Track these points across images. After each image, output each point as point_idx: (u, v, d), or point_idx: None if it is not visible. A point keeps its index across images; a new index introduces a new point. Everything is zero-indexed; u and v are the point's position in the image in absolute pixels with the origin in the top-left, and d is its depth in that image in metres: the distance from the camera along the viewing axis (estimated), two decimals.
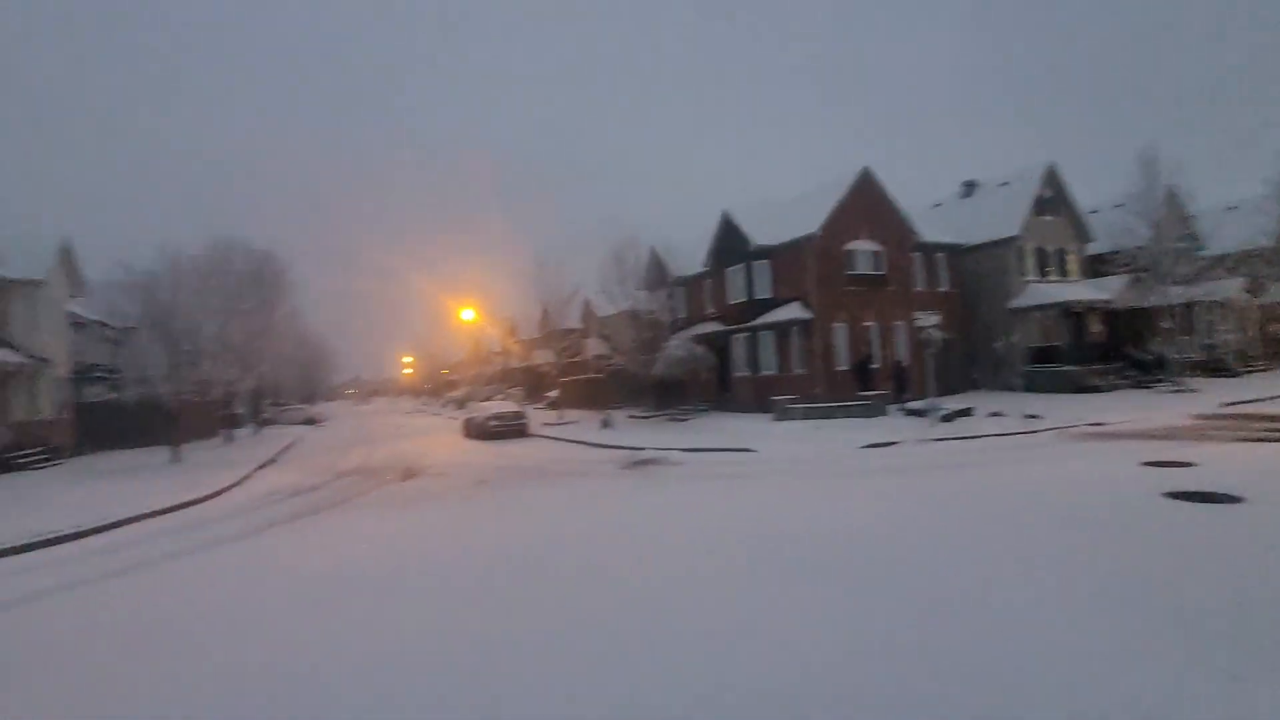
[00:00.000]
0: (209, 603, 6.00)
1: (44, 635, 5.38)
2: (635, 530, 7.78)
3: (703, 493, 10.20)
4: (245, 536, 9.09)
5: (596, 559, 6.54)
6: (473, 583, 6.03)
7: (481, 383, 55.17)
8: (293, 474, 16.20)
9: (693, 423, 22.21)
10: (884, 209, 22.49)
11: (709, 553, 6.38)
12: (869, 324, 21.85)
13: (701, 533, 7.31)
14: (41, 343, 21.07)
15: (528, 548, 7.22)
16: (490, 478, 13.44)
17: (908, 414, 18.38)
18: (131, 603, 6.17)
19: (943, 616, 4.43)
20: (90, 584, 6.93)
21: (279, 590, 6.25)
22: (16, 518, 10.61)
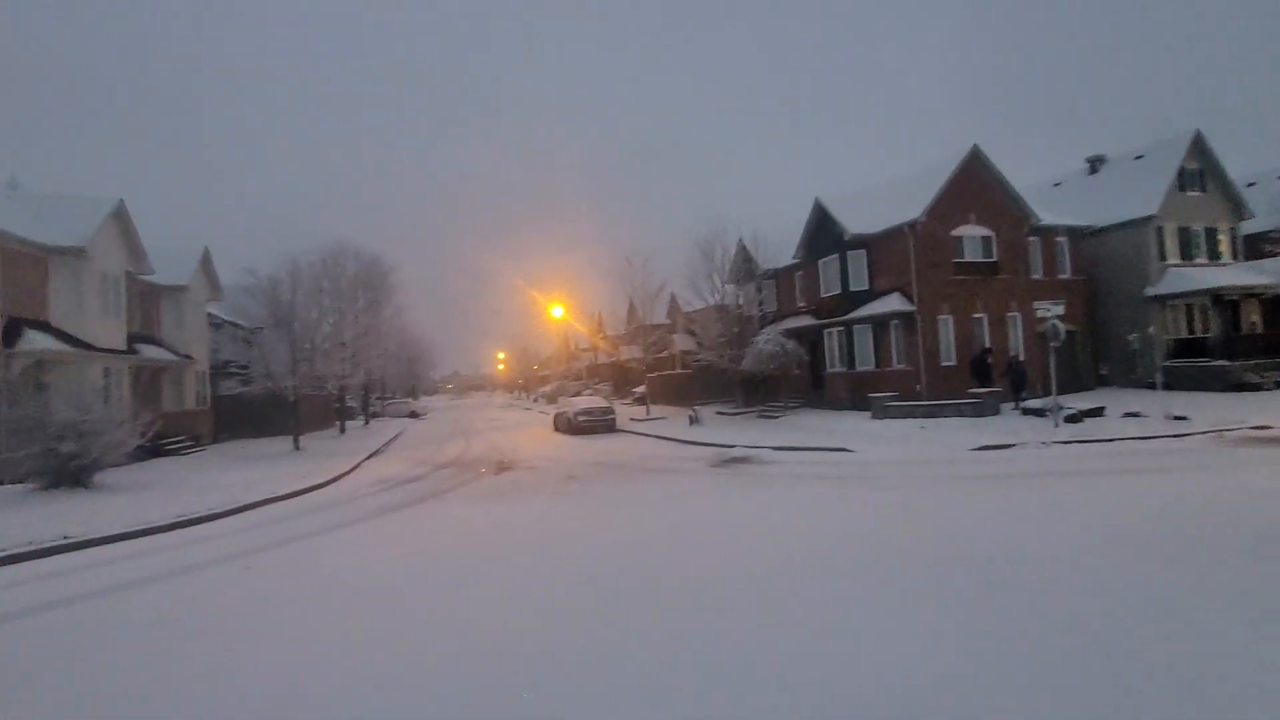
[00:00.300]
0: (349, 575, 6.53)
1: (230, 598, 5.87)
2: (734, 537, 7.47)
3: (801, 496, 9.72)
4: (363, 520, 9.63)
5: (698, 569, 6.29)
6: (575, 578, 5.99)
7: (570, 378, 56.41)
8: (398, 464, 17.12)
9: (783, 420, 21.51)
10: (995, 190, 20.70)
11: (823, 570, 5.94)
12: (978, 316, 20.22)
13: (808, 543, 6.90)
14: (186, 341, 23.54)
15: (621, 550, 7.11)
16: (579, 473, 13.54)
17: (1024, 414, 16.84)
18: (290, 572, 6.75)
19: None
20: (243, 556, 7.58)
21: (409, 571, 6.53)
22: (170, 498, 11.82)
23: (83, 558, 8.13)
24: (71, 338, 16.65)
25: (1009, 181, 20.63)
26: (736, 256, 26.55)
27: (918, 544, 6.43)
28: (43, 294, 16.57)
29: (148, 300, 22.34)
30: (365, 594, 5.94)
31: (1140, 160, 23.90)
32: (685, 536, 7.44)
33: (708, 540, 7.20)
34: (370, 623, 5.17)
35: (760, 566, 5.99)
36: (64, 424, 12.35)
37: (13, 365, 14.79)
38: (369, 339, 25.41)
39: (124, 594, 6.44)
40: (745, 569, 5.93)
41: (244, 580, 6.78)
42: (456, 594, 5.76)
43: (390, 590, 6.05)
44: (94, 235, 17.26)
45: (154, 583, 6.80)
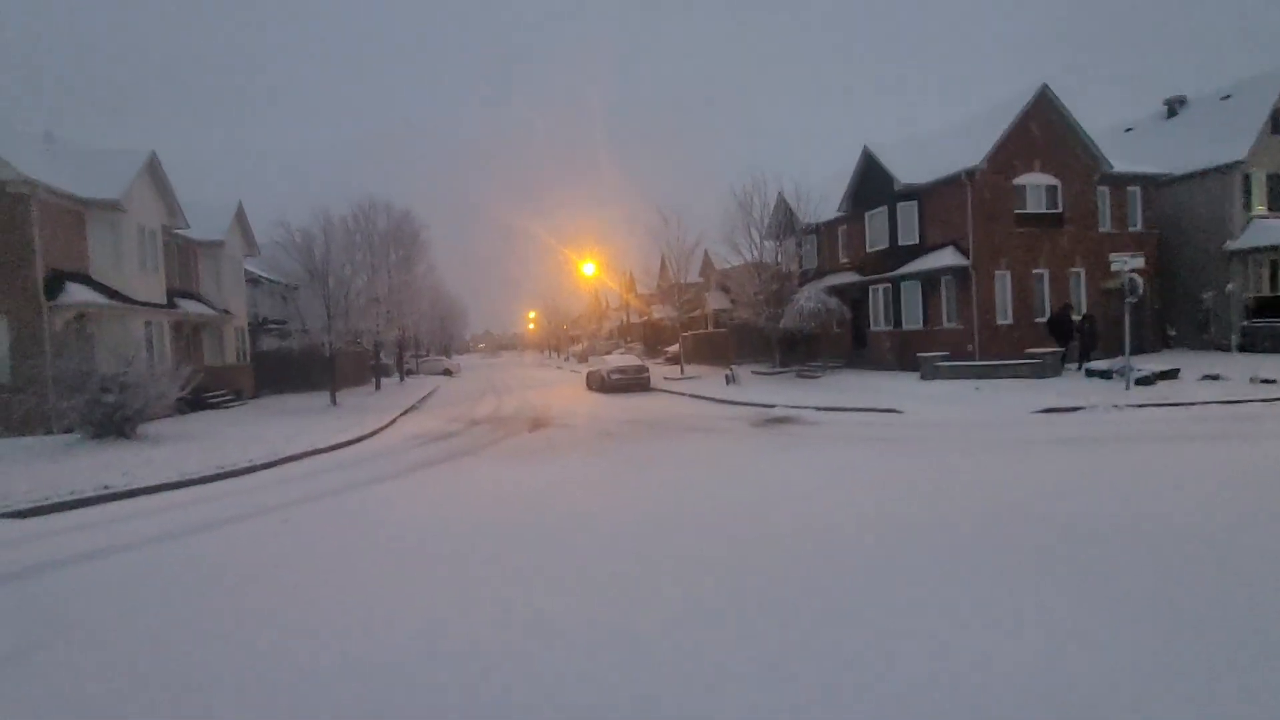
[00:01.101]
0: (386, 532, 6.27)
1: (268, 551, 5.66)
2: (789, 500, 6.96)
3: (855, 458, 9.14)
4: (400, 475, 9.41)
5: (755, 531, 5.82)
6: (617, 538, 5.58)
7: (601, 337, 56.12)
8: (433, 420, 17.03)
9: (824, 380, 20.77)
10: (1064, 135, 19.09)
11: (901, 536, 5.42)
12: (1038, 271, 18.96)
13: (878, 508, 6.35)
14: (224, 297, 23.70)
15: (662, 515, 6.68)
16: (615, 430, 13.17)
17: (1089, 375, 15.80)
18: (328, 525, 6.50)
19: None
20: (282, 509, 7.41)
21: (444, 527, 6.22)
22: (211, 450, 11.84)
23: (123, 508, 8.07)
24: (112, 291, 16.75)
25: (1080, 125, 18.99)
26: (776, 211, 25.38)
27: (1004, 511, 5.82)
28: (82, 248, 16.62)
29: (185, 256, 22.43)
30: (403, 551, 5.65)
31: (1227, 101, 21.80)
32: (735, 498, 6.96)
33: (760, 501, 6.71)
34: (412, 576, 4.86)
35: (828, 535, 5.48)
36: (107, 375, 12.41)
37: (55, 318, 14.93)
38: (402, 295, 25.27)
39: (160, 546, 6.28)
40: (809, 538, 5.43)
41: (282, 533, 6.58)
42: (491, 558, 5.39)
43: (423, 545, 5.76)
44: (129, 187, 17.16)
45: (191, 535, 6.64)
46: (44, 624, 4.40)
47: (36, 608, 4.75)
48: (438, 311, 52.84)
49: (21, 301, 14.63)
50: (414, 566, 5.25)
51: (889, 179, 20.72)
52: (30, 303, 14.67)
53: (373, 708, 3.13)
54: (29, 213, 14.68)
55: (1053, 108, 18.89)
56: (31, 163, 15.42)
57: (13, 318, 14.59)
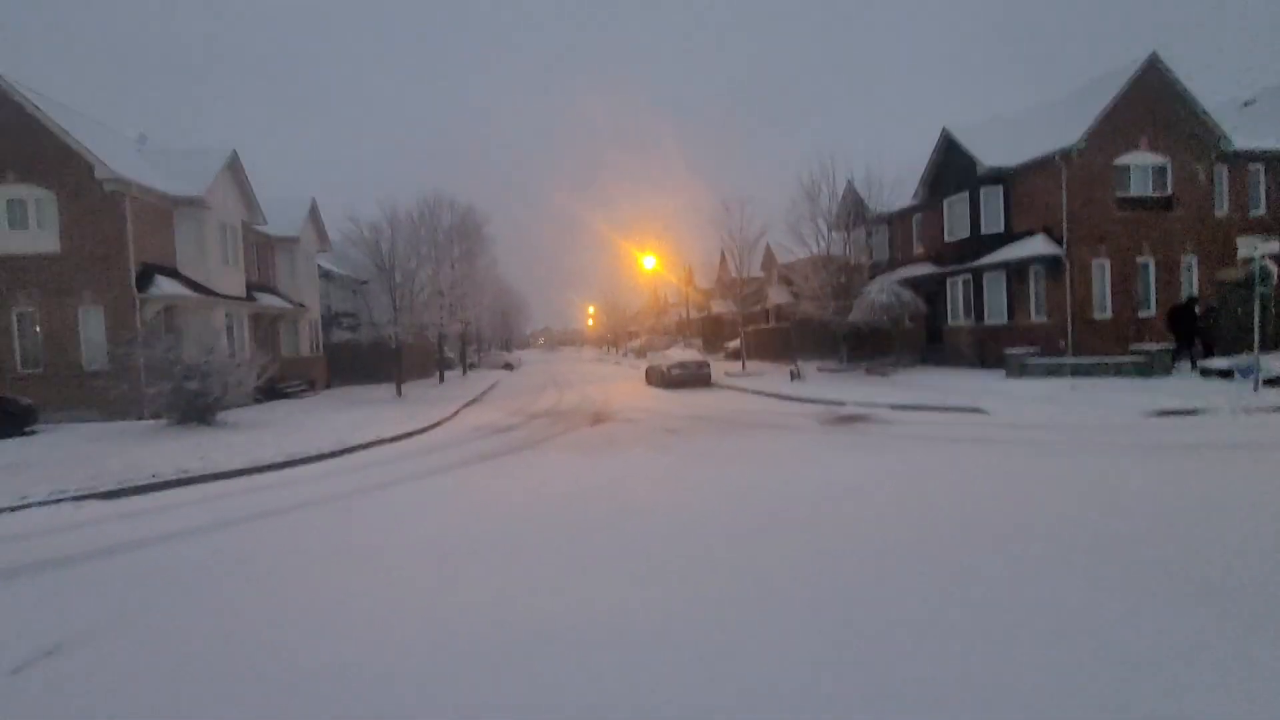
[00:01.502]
0: (446, 525, 6.02)
1: (329, 541, 5.57)
2: (881, 507, 6.33)
3: (944, 460, 8.36)
4: (462, 466, 9.29)
5: (851, 545, 5.26)
6: (701, 544, 5.13)
7: (659, 332, 55.75)
8: (494, 412, 17.05)
9: (895, 377, 19.64)
10: (1175, 109, 17.26)
11: (1031, 554, 4.73)
12: (1143, 259, 17.24)
13: (990, 518, 5.66)
14: (298, 291, 24.65)
15: (740, 509, 6.17)
16: (679, 427, 12.72)
17: (1205, 375, 14.20)
18: (390, 516, 6.40)
19: None
20: (346, 497, 7.36)
21: (506, 526, 5.95)
22: (284, 438, 12.13)
23: (196, 492, 8.24)
24: (196, 284, 17.58)
25: (1196, 98, 17.12)
26: (844, 200, 24.24)
27: (1147, 525, 5.04)
28: (169, 243, 17.50)
29: (263, 251, 23.42)
30: (463, 548, 5.39)
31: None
32: (817, 500, 6.39)
33: (848, 507, 6.11)
34: (474, 577, 4.58)
35: (952, 553, 4.86)
36: (190, 364, 12.92)
37: (146, 309, 15.75)
38: (465, 288, 25.60)
39: (228, 530, 6.29)
40: (926, 555, 4.82)
41: (343, 523, 6.48)
42: (555, 559, 5.04)
43: (484, 543, 5.48)
44: (212, 184, 17.97)
45: (258, 520, 6.64)
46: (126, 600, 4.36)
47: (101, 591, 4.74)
48: (499, 306, 53.80)
49: (116, 294, 15.50)
50: (471, 563, 4.97)
51: (971, 163, 19.35)
52: (124, 295, 15.53)
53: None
54: (123, 210, 15.53)
55: (1163, 79, 17.09)
56: (125, 163, 16.33)
57: (109, 309, 15.48)
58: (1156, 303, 17.22)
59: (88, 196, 15.30)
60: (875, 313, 20.32)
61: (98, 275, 15.42)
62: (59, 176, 15.26)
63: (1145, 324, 16.96)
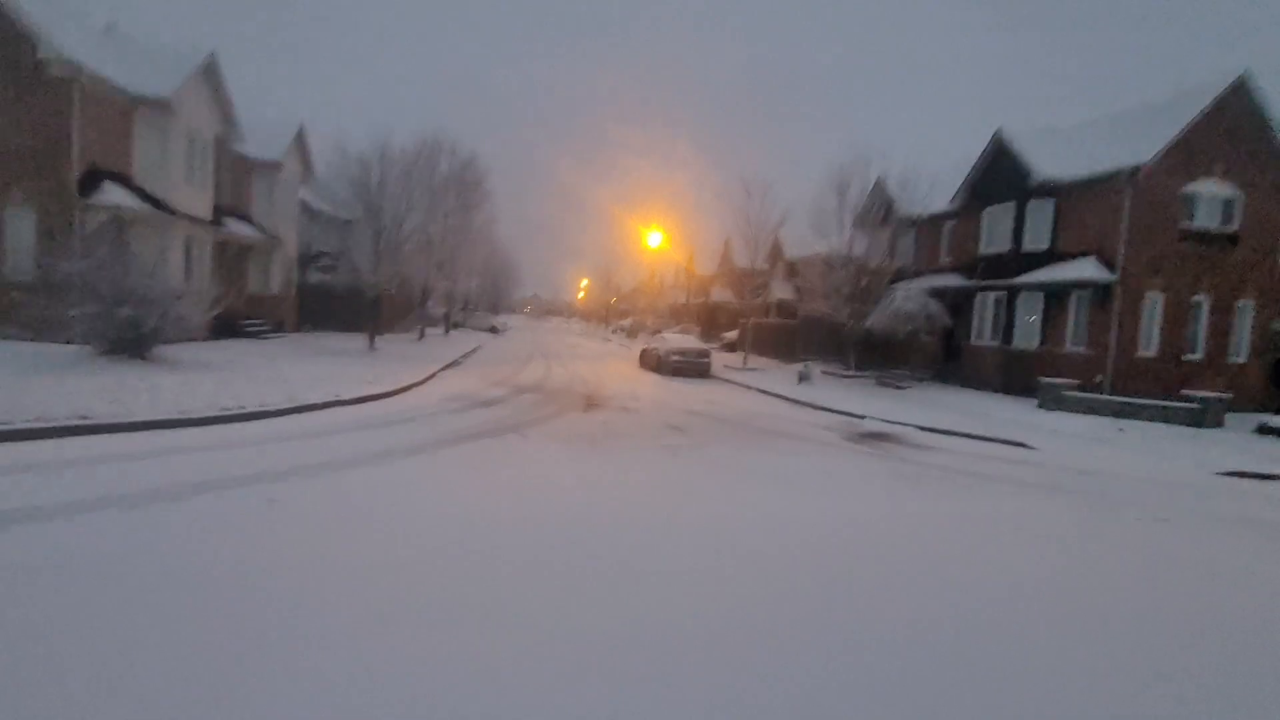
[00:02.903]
0: (396, 534, 4.27)
1: (230, 547, 3.90)
2: (961, 583, 4.80)
3: (1001, 506, 6.89)
4: (427, 450, 7.59)
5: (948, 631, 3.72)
6: (733, 619, 3.56)
7: (653, 314, 54.06)
8: (474, 380, 15.35)
9: (911, 393, 18.26)
10: (1256, 136, 15.74)
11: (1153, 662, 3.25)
12: (1198, 298, 15.89)
13: (1076, 599, 4.16)
14: (275, 222, 22.48)
15: (780, 558, 4.62)
16: (683, 423, 11.16)
17: (1259, 431, 12.94)
18: (323, 515, 4.68)
19: None
20: (275, 478, 5.66)
21: (473, 546, 4.31)
22: (226, 385, 10.34)
23: (93, 446, 6.49)
24: (153, 198, 15.49)
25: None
26: (870, 197, 22.62)
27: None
28: (126, 147, 15.35)
29: (238, 174, 21.20)
30: (418, 569, 3.76)
31: None
32: (889, 575, 4.85)
33: (930, 587, 4.58)
34: (413, 628, 2.96)
35: (1088, 679, 3.34)
36: (123, 286, 11.01)
37: (88, 218, 13.70)
38: (458, 242, 23.67)
39: (99, 513, 4.59)
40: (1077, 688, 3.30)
41: (260, 520, 4.81)
42: (530, 648, 3.39)
43: (448, 572, 3.85)
44: (181, 87, 15.78)
45: (147, 503, 4.94)
46: None
47: None
48: (491, 267, 51.64)
49: (52, 195, 13.43)
50: (427, 602, 3.34)
51: (1022, 171, 17.79)
52: (62, 198, 13.46)
53: None
54: (69, 99, 13.39)
55: (1249, 103, 15.56)
56: (80, 47, 14.10)
57: (42, 212, 13.41)
58: (1204, 346, 15.92)
59: (26, 78, 13.11)
60: (898, 321, 18.85)
61: (31, 171, 13.30)
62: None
63: (1191, 368, 15.67)
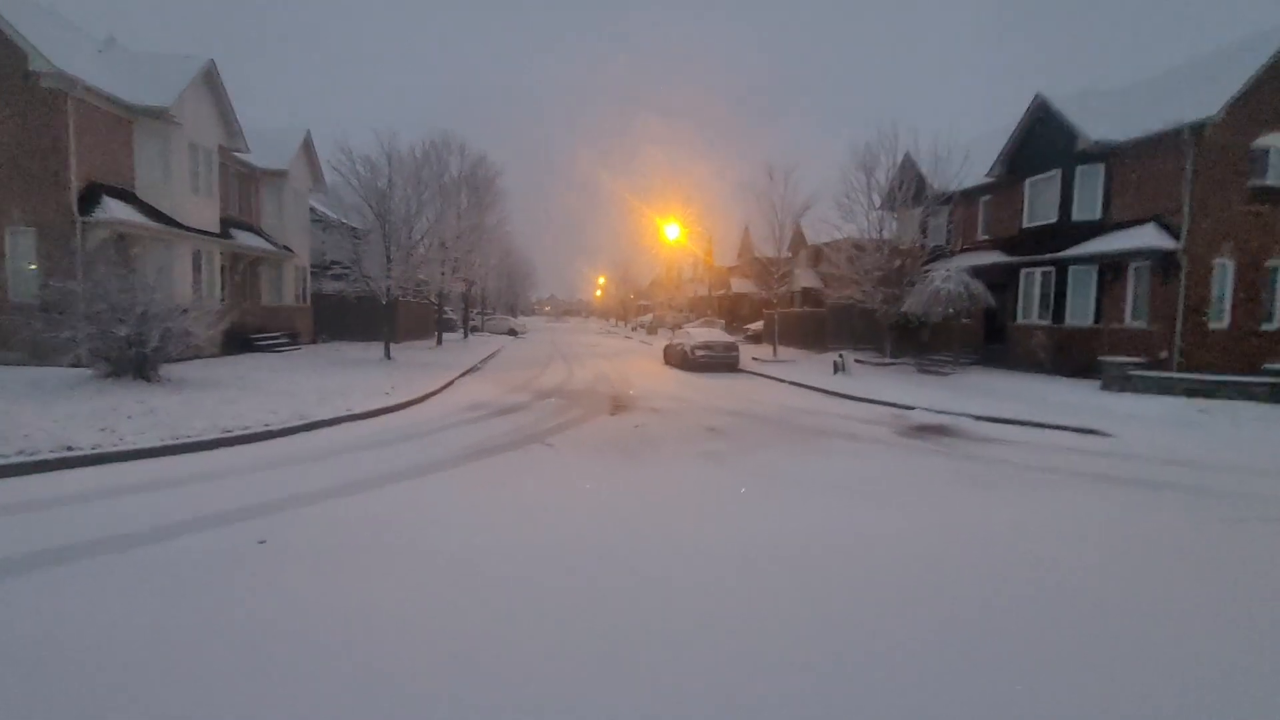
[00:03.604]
0: (408, 586, 3.46)
1: (204, 607, 3.16)
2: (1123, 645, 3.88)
3: (1100, 507, 5.90)
4: (444, 468, 6.84)
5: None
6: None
7: (673, 309, 53.12)
8: (494, 386, 14.63)
9: (955, 379, 17.12)
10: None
11: None
12: (1273, 262, 14.53)
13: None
14: (285, 233, 22.04)
15: (873, 594, 3.73)
16: (720, 424, 10.28)
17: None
18: (319, 560, 3.91)
19: None
20: (271, 512, 4.93)
21: (501, 594, 3.51)
22: (231, 404, 9.71)
23: (68, 482, 5.84)
24: (157, 212, 15.02)
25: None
26: (898, 175, 21.43)
27: None
28: (127, 161, 14.89)
29: (245, 184, 20.78)
30: (420, 640, 2.96)
31: None
32: (1001, 600, 3.94)
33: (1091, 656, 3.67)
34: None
35: None
36: (119, 305, 10.45)
37: (89, 235, 13.22)
38: (471, 241, 23.00)
39: (67, 566, 3.87)
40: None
41: (248, 564, 4.07)
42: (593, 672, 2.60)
43: (464, 637, 3.04)
44: (181, 95, 15.27)
45: (92, 554, 4.21)
46: None
47: None
48: (506, 268, 51.18)
49: (51, 213, 12.97)
50: (435, 688, 2.54)
51: (1068, 136, 16.54)
52: (62, 216, 13.00)
53: None
54: (64, 113, 12.90)
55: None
56: (76, 60, 13.63)
57: (42, 232, 12.95)
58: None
59: (19, 93, 12.66)
60: (938, 303, 17.66)
61: (28, 189, 12.85)
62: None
63: (1270, 339, 14.35)
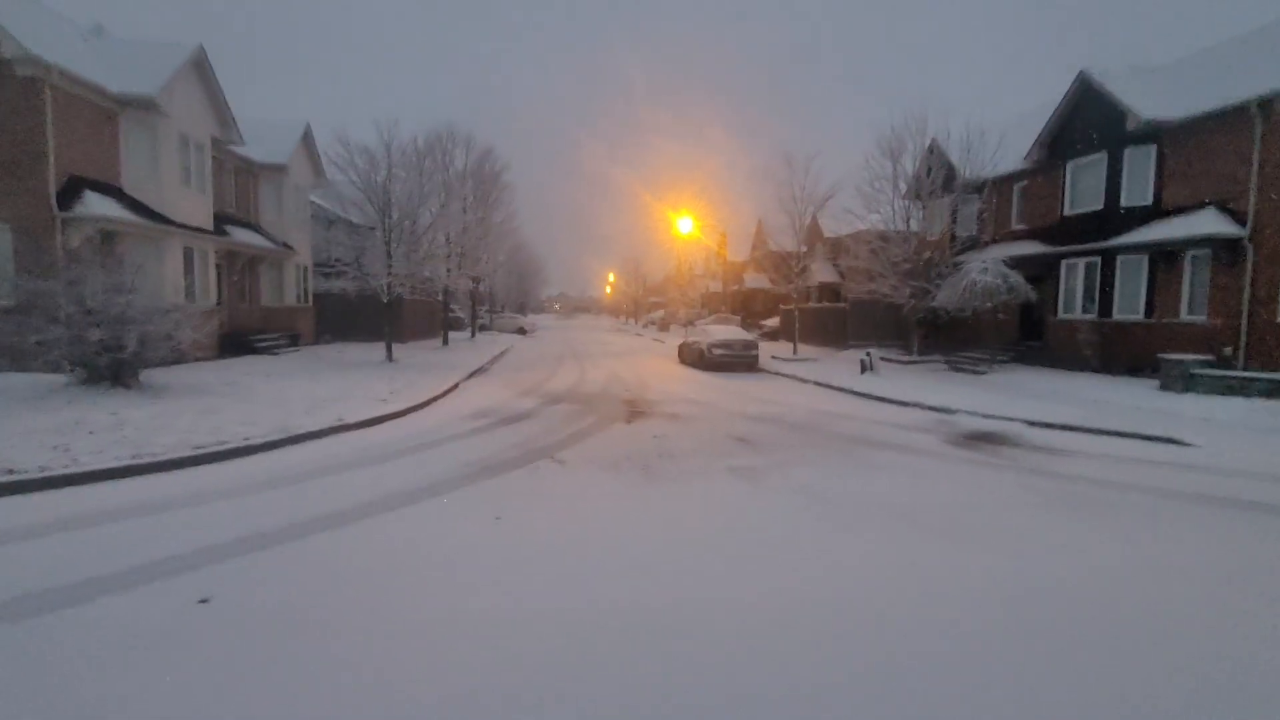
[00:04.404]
0: (382, 674, 2.51)
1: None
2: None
3: (1213, 542, 4.84)
4: (440, 492, 5.88)
5: None
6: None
7: (685, 305, 52.07)
8: (502, 389, 13.70)
9: (993, 378, 16.00)
10: None
11: None
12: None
13: None
14: (286, 230, 21.23)
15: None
16: (749, 433, 9.27)
17: None
18: (276, 630, 2.96)
19: None
20: (226, 557, 3.97)
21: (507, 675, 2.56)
22: (212, 414, 8.85)
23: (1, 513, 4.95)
24: (144, 207, 14.21)
25: None
26: (925, 162, 20.25)
27: None
28: (112, 153, 14.09)
29: (243, 180, 19.99)
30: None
31: None
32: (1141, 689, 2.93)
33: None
34: None
35: None
36: (92, 307, 9.61)
37: (70, 233, 12.41)
38: (477, 237, 22.09)
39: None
40: None
41: (173, 644, 3.13)
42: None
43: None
44: (168, 84, 14.44)
45: (7, 619, 3.30)
46: None
47: None
48: (515, 265, 50.33)
49: (29, 210, 12.16)
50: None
51: (1115, 115, 15.33)
52: (40, 212, 12.19)
53: None
54: (41, 102, 12.08)
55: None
56: (56, 48, 12.80)
57: (18, 228, 12.14)
58: None
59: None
60: (974, 297, 16.50)
61: (3, 184, 12.05)
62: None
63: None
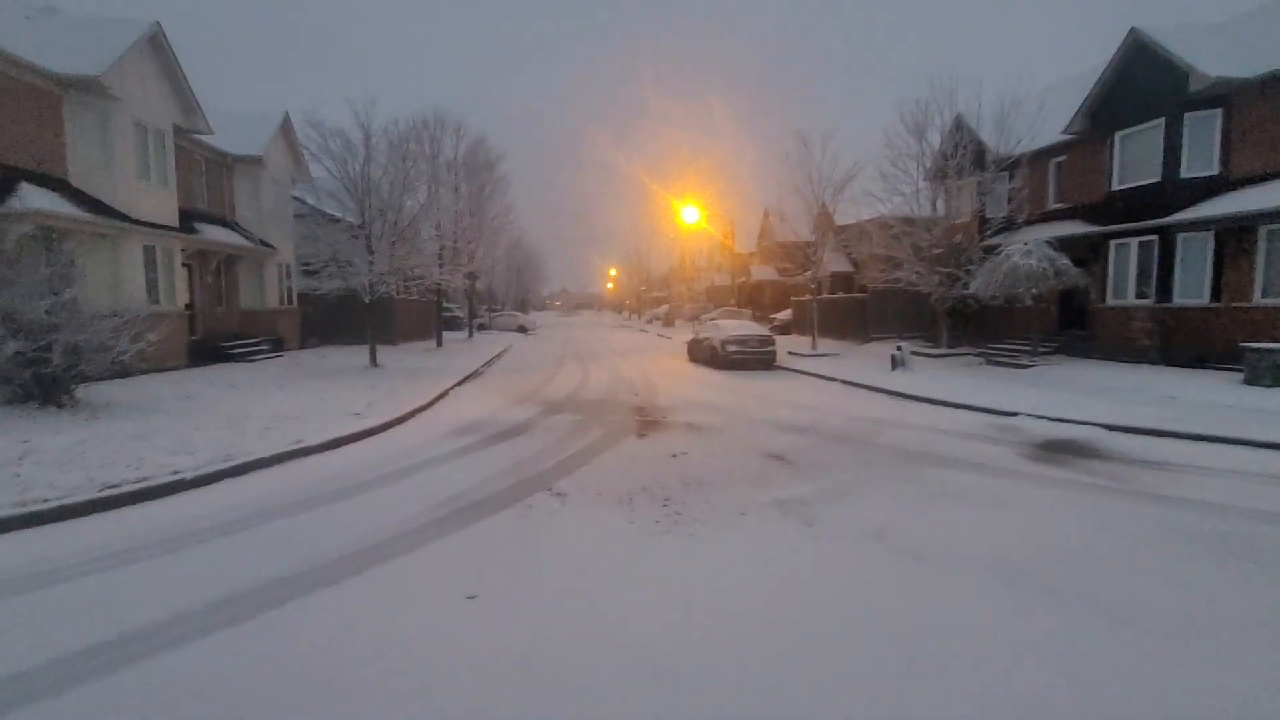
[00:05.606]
0: None
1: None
2: None
3: None
4: (390, 556, 4.39)
5: None
6: None
7: (689, 299, 50.57)
8: (495, 397, 12.27)
9: (1040, 372, 14.48)
10: None
11: None
12: None
13: None
14: (264, 227, 19.77)
15: None
16: (784, 448, 7.80)
17: None
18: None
19: None
20: (102, 672, 2.56)
21: None
22: (147, 439, 7.43)
23: None
24: (95, 202, 12.79)
25: None
26: (948, 139, 18.66)
27: None
28: (57, 142, 12.66)
29: (215, 173, 18.55)
30: None
31: None
32: None
33: None
34: None
35: None
36: (9, 314, 8.20)
37: (6, 231, 10.98)
38: (469, 229, 20.60)
39: None
40: None
41: None
42: None
43: None
44: (118, 64, 12.98)
45: None
46: None
47: None
48: (514, 262, 48.89)
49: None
50: None
51: (1173, 77, 13.75)
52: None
53: None
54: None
55: None
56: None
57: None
58: None
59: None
60: (1017, 283, 14.94)
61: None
62: None
63: None
